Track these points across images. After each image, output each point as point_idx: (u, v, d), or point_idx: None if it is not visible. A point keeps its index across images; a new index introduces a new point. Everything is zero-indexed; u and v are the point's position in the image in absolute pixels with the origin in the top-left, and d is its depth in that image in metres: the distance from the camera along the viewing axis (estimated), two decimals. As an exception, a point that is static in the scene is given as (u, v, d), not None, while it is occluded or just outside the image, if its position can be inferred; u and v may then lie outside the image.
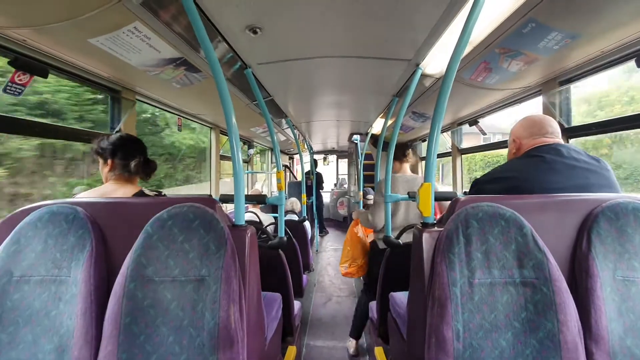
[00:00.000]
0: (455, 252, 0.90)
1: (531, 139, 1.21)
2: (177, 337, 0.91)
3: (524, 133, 1.23)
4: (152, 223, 0.99)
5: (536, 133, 1.21)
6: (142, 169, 1.38)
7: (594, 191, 1.06)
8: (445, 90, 1.06)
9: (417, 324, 1.03)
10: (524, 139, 1.23)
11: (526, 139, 1.22)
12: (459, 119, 2.99)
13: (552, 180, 1.08)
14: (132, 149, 1.38)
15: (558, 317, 0.84)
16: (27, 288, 0.96)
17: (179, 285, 0.94)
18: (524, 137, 1.23)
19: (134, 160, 1.35)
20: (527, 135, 1.22)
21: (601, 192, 1.06)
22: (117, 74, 1.69)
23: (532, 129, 1.22)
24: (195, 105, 2.55)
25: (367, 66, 1.88)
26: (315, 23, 1.36)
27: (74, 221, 1.01)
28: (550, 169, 1.09)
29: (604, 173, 1.11)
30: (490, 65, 1.63)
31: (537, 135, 1.20)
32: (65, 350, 0.93)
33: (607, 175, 1.11)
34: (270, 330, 1.43)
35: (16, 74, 1.28)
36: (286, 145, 6.16)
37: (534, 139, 1.20)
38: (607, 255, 0.90)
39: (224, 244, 0.97)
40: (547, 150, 1.13)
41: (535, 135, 1.21)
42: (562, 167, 1.09)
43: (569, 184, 1.07)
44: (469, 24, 1.02)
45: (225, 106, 1.12)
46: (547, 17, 1.17)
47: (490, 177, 1.20)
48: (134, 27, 1.21)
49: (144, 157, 1.40)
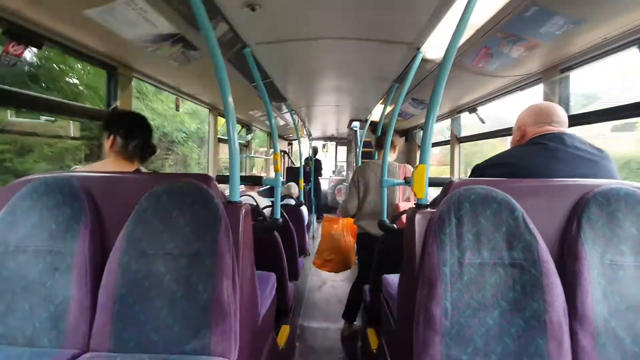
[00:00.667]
0: (446, 232, 0.91)
1: (536, 127, 1.19)
2: (170, 309, 0.93)
3: (530, 120, 1.22)
4: (147, 197, 1.00)
5: (542, 121, 1.19)
6: (139, 152, 1.37)
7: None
8: (444, 74, 1.05)
9: (408, 303, 1.04)
10: (529, 127, 1.21)
11: (531, 126, 1.21)
12: (459, 106, 2.97)
13: (553, 168, 1.08)
14: (135, 129, 1.36)
15: (545, 297, 0.86)
16: (23, 258, 0.97)
17: (173, 259, 0.96)
18: (529, 124, 1.22)
19: (134, 141, 1.33)
20: (532, 122, 1.21)
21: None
22: (114, 49, 1.66)
23: (538, 117, 1.20)
24: (194, 85, 2.52)
25: (367, 49, 1.86)
26: (315, 2, 1.33)
27: (69, 193, 1.02)
28: (552, 157, 1.09)
29: (606, 163, 1.11)
30: (491, 51, 1.61)
31: (542, 124, 1.19)
32: (61, 319, 0.94)
33: (608, 166, 1.11)
34: (264, 307, 1.45)
35: (10, 44, 1.26)
36: (285, 131, 6.13)
37: (539, 126, 1.19)
38: (596, 239, 0.91)
39: (218, 219, 0.97)
40: (551, 139, 1.12)
41: (540, 123, 1.19)
42: (564, 155, 1.09)
43: (569, 173, 1.06)
44: (470, 6, 1.00)
45: (222, 85, 1.11)
46: (551, 1, 1.15)
47: (491, 162, 1.20)
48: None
49: (145, 139, 1.38)
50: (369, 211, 2.31)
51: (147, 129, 1.41)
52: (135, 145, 1.34)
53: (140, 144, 1.36)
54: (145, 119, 1.44)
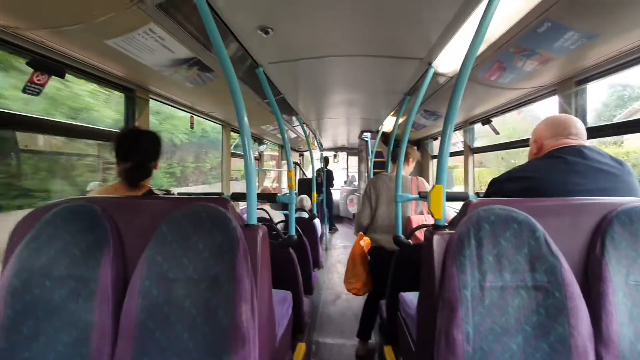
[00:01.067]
0: (466, 254, 0.90)
1: (553, 140, 1.17)
2: (191, 334, 0.94)
3: (547, 133, 1.19)
4: (166, 222, 1.01)
5: (560, 134, 1.16)
6: (129, 175, 1.28)
7: (614, 195, 1.03)
8: (459, 89, 1.05)
9: (427, 325, 1.03)
10: (546, 140, 1.19)
11: (548, 139, 1.18)
12: (472, 117, 2.95)
13: (573, 182, 1.05)
14: (129, 150, 1.29)
15: (569, 321, 0.83)
16: (47, 284, 0.99)
17: (193, 284, 0.96)
18: (546, 137, 1.19)
19: (127, 163, 1.27)
20: (549, 135, 1.18)
21: (624, 196, 1.03)
22: (132, 74, 1.72)
23: (555, 129, 1.17)
24: (207, 104, 2.57)
25: (378, 65, 1.87)
26: (327, 22, 1.36)
27: (92, 219, 1.04)
28: (571, 170, 1.07)
29: (626, 177, 1.08)
30: (504, 65, 1.60)
31: (560, 136, 1.16)
32: (84, 344, 0.96)
33: (629, 180, 1.08)
34: (281, 328, 1.45)
35: (34, 75, 1.32)
36: (296, 143, 6.17)
37: (556, 139, 1.16)
38: (620, 260, 0.88)
39: (236, 243, 0.98)
40: (569, 152, 1.10)
41: (558, 135, 1.16)
42: (583, 168, 1.06)
43: (589, 187, 1.04)
44: (484, 22, 1.00)
45: (237, 105, 1.13)
46: (564, 17, 1.15)
47: (509, 176, 1.17)
48: (148, 29, 1.23)
49: (138, 161, 1.29)
50: (380, 224, 2.31)
51: (144, 149, 1.32)
52: (128, 168, 1.28)
53: (132, 166, 1.28)
54: (147, 136, 1.35)
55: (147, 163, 1.33)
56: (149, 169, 1.33)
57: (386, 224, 2.28)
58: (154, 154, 1.37)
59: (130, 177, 1.29)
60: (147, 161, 1.33)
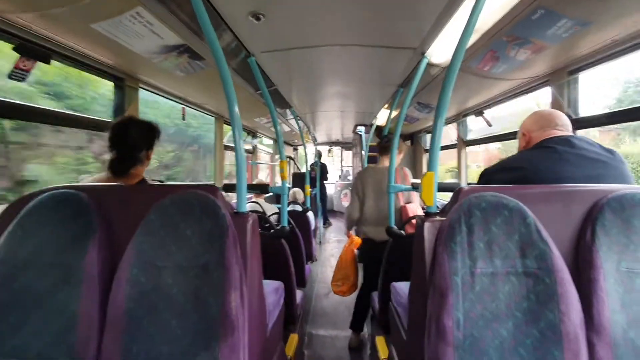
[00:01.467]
0: (457, 241, 0.90)
1: (541, 132, 1.19)
2: (179, 322, 0.93)
3: (534, 126, 1.22)
4: (155, 209, 1.00)
5: (546, 125, 1.19)
6: (112, 164, 1.26)
7: (605, 182, 1.04)
8: (450, 80, 1.04)
9: (418, 313, 1.03)
10: (534, 132, 1.21)
11: (536, 132, 1.20)
12: (465, 110, 2.95)
13: (563, 170, 1.06)
14: (117, 137, 1.26)
15: (560, 307, 0.84)
16: (32, 273, 0.98)
17: (181, 271, 0.95)
18: (534, 130, 1.21)
19: (113, 153, 1.25)
20: (537, 128, 1.21)
21: (612, 183, 1.04)
22: (121, 61, 1.68)
23: (542, 122, 1.20)
24: (199, 95, 2.54)
25: (371, 55, 1.86)
26: (319, 10, 1.34)
27: (78, 206, 1.02)
28: (560, 159, 1.08)
29: (617, 165, 1.08)
30: (497, 54, 1.60)
31: (547, 128, 1.18)
32: (71, 333, 0.94)
33: (620, 167, 1.09)
34: (272, 317, 1.44)
35: (20, 60, 1.29)
36: (290, 137, 6.15)
37: (544, 131, 1.18)
38: (612, 246, 0.89)
39: (225, 230, 0.97)
40: (559, 142, 1.11)
41: (545, 127, 1.19)
42: (573, 157, 1.07)
43: (579, 174, 1.05)
44: (476, 10, 0.99)
45: (228, 94, 1.11)
46: (557, 4, 1.14)
47: (500, 167, 1.18)
48: (136, 13, 1.20)
49: (124, 151, 1.27)
50: (368, 217, 2.33)
51: (133, 138, 1.28)
52: (114, 157, 1.25)
53: (118, 155, 1.26)
54: (138, 126, 1.32)
55: (134, 153, 1.29)
56: (136, 158, 1.29)
57: (374, 217, 2.30)
58: (145, 144, 1.33)
59: (113, 165, 1.26)
60: (135, 151, 1.29)
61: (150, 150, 1.36)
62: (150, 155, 1.37)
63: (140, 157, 1.31)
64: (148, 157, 1.36)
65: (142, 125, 1.34)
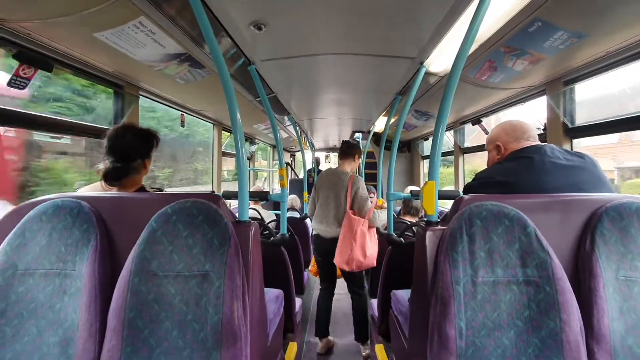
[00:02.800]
0: (458, 250, 0.90)
1: (516, 143, 1.22)
2: (180, 332, 0.92)
3: (508, 138, 1.25)
4: (157, 218, 1.00)
5: (520, 137, 1.23)
6: (105, 172, 1.21)
7: (585, 188, 1.06)
8: (451, 89, 1.06)
9: (420, 322, 1.03)
10: (509, 144, 1.24)
11: (511, 143, 1.24)
12: (462, 117, 2.98)
13: (544, 181, 1.08)
14: (112, 145, 1.22)
15: (561, 316, 0.84)
16: (31, 281, 0.97)
17: (183, 280, 0.95)
18: (509, 141, 1.24)
19: (106, 162, 1.21)
20: (512, 139, 1.24)
21: (593, 188, 1.07)
22: (121, 69, 1.69)
23: (515, 133, 1.23)
24: (199, 102, 2.54)
25: (370, 64, 1.88)
26: (320, 20, 1.35)
27: (78, 215, 1.01)
28: (540, 169, 1.10)
29: (592, 169, 1.11)
30: (495, 64, 1.62)
31: (521, 139, 1.22)
32: (70, 344, 0.93)
33: (595, 171, 1.11)
34: (272, 326, 1.43)
35: (20, 68, 1.28)
36: (288, 143, 6.16)
37: (518, 142, 1.22)
38: (610, 255, 0.90)
39: (227, 239, 0.97)
40: (534, 151, 1.14)
41: (519, 139, 1.23)
42: (550, 167, 1.10)
43: (560, 183, 1.07)
44: (475, 22, 1.01)
45: (230, 103, 1.12)
46: (553, 17, 1.17)
47: (481, 181, 1.20)
48: (139, 22, 1.21)
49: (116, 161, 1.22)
50: (320, 214, 2.50)
51: (128, 146, 1.24)
52: (108, 166, 1.21)
53: (111, 163, 1.21)
54: (134, 133, 1.27)
55: (129, 162, 1.24)
56: (131, 168, 1.25)
57: (323, 215, 2.47)
58: (141, 152, 1.28)
59: (106, 174, 1.21)
60: (130, 160, 1.24)
61: (148, 159, 1.32)
62: (147, 164, 1.32)
63: (136, 166, 1.26)
64: (145, 166, 1.31)
65: (139, 134, 1.29)
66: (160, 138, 1.35)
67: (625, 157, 2.91)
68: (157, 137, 1.34)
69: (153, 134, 1.32)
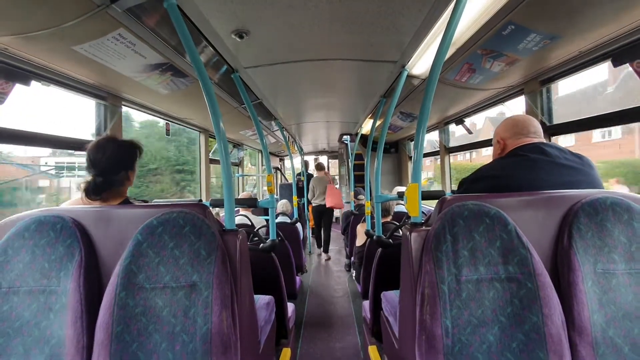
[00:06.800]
0: (442, 250, 0.92)
1: (515, 139, 1.23)
2: (169, 344, 0.91)
3: (508, 134, 1.25)
4: (142, 230, 0.99)
5: (519, 133, 1.23)
6: (86, 186, 1.17)
7: (577, 188, 1.08)
8: (430, 91, 1.08)
9: (408, 321, 1.04)
10: (509, 139, 1.25)
11: (510, 139, 1.24)
12: (446, 118, 3.03)
13: (537, 178, 1.10)
14: (93, 158, 1.18)
15: (542, 310, 0.87)
16: (16, 299, 0.95)
17: (171, 292, 0.94)
18: (508, 137, 1.25)
19: (88, 177, 1.18)
20: (511, 135, 1.25)
21: (584, 188, 1.08)
22: (103, 80, 1.67)
23: (515, 129, 1.24)
24: (183, 110, 2.53)
25: (354, 68, 1.90)
26: (301, 27, 1.37)
27: (61, 230, 1.00)
28: (534, 167, 1.12)
29: (587, 170, 1.13)
30: (473, 66, 1.66)
31: (520, 135, 1.22)
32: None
33: (590, 172, 1.13)
34: (264, 333, 1.43)
35: (-3, 82, 1.27)
36: (277, 147, 6.15)
37: (517, 138, 1.22)
38: (588, 249, 0.93)
39: (214, 249, 0.97)
40: (531, 149, 1.16)
41: (518, 135, 1.23)
42: (545, 165, 1.12)
43: (552, 182, 1.09)
44: (451, 25, 1.04)
45: (212, 110, 1.12)
46: (526, 20, 1.21)
47: (476, 176, 1.22)
48: (118, 34, 1.20)
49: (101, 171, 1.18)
50: (316, 197, 4.96)
51: (109, 159, 1.20)
52: (89, 180, 1.17)
53: (93, 177, 1.17)
54: (115, 145, 1.23)
55: (110, 175, 1.20)
56: (113, 181, 1.21)
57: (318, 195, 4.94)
58: (124, 164, 1.24)
59: (87, 188, 1.17)
60: (111, 173, 1.20)
61: (131, 171, 1.28)
62: (131, 176, 1.29)
63: (119, 179, 1.23)
64: (129, 178, 1.28)
65: (121, 145, 1.26)
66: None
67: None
68: (141, 148, 1.31)
69: (135, 144, 1.29)
